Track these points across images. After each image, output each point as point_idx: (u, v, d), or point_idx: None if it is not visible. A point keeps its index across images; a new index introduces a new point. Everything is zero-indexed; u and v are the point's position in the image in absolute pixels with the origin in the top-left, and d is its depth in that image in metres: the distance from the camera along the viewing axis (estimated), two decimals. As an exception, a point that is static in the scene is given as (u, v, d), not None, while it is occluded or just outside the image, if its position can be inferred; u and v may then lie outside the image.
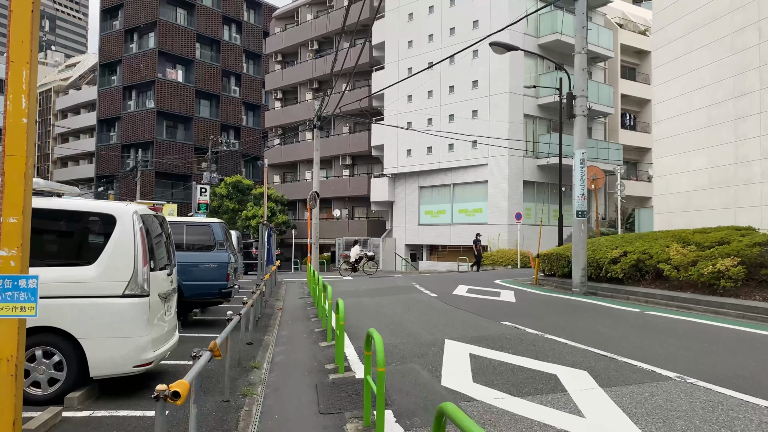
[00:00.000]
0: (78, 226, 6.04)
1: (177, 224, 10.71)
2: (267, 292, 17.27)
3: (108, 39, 59.16)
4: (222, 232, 10.78)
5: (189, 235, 10.63)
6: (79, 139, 69.34)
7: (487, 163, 31.28)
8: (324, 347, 9.02)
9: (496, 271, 26.33)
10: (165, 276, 6.52)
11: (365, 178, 40.76)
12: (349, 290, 18.47)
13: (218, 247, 10.65)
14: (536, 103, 31.93)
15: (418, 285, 18.66)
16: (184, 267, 10.46)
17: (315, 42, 45.49)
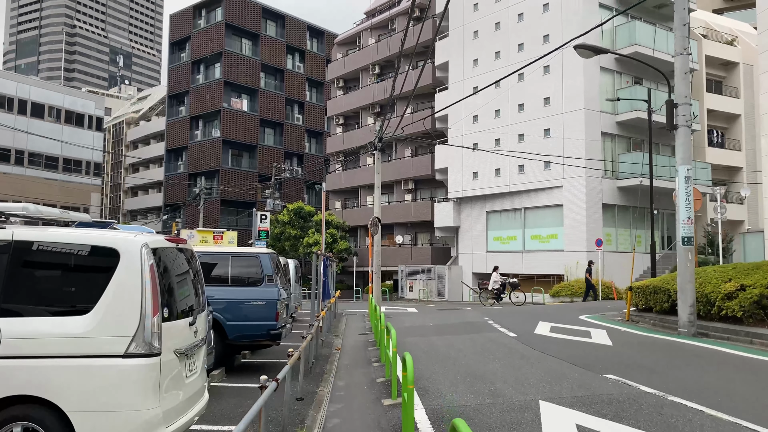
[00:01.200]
0: (69, 263, 4.70)
1: (221, 256, 9.45)
2: (325, 327, 15.83)
3: (176, 71, 60.63)
4: (272, 264, 9.40)
5: (234, 267, 9.32)
6: (149, 168, 71.14)
7: (562, 185, 29.09)
8: (388, 407, 7.37)
9: (577, 304, 23.99)
10: (186, 326, 5.08)
11: (428, 203, 39.18)
12: (415, 326, 16.76)
13: (267, 282, 9.26)
14: (614, 120, 29.59)
15: (492, 321, 16.75)
16: (228, 304, 9.13)
17: (376, 66, 44.71)
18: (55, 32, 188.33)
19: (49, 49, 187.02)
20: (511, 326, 15.07)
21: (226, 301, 9.12)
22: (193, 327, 5.22)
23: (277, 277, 9.89)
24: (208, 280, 9.20)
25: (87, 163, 46.31)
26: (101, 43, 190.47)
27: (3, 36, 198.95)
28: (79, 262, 4.68)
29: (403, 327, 16.47)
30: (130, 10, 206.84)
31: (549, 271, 29.67)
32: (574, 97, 28.75)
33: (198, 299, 5.67)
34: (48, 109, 43.06)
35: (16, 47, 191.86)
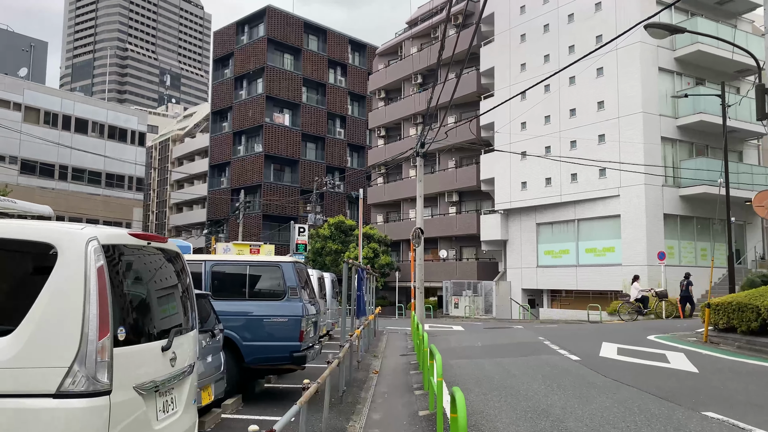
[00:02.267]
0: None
1: (237, 265, 8.21)
2: (363, 346, 14.42)
3: (219, 87, 60.94)
4: (296, 274, 8.08)
5: (252, 278, 8.05)
6: (193, 185, 71.62)
7: (618, 194, 27.05)
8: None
9: (641, 323, 21.90)
10: (157, 352, 3.76)
11: (474, 215, 37.49)
12: (462, 346, 15.18)
13: (290, 295, 7.94)
14: (675, 124, 27.45)
15: (548, 341, 15.02)
16: (244, 321, 7.85)
17: (418, 75, 43.51)
18: (108, 55, 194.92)
19: (102, 71, 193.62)
20: (571, 347, 13.34)
21: (243, 318, 7.85)
22: (169, 353, 3.88)
23: (304, 291, 8.57)
24: (222, 293, 7.95)
25: (129, 178, 46.48)
26: (151, 65, 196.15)
27: (60, 60, 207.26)
28: (2, 262, 3.42)
29: (448, 347, 14.92)
30: (179, 33, 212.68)
31: (605, 286, 27.56)
32: (631, 100, 26.80)
33: (185, 317, 4.35)
34: (91, 125, 43.39)
35: (72, 71, 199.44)
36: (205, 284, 8.04)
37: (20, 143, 38.03)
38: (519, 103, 31.96)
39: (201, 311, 6.54)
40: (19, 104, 39.34)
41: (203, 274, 8.07)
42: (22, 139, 37.40)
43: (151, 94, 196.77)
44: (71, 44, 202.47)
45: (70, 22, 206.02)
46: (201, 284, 8.05)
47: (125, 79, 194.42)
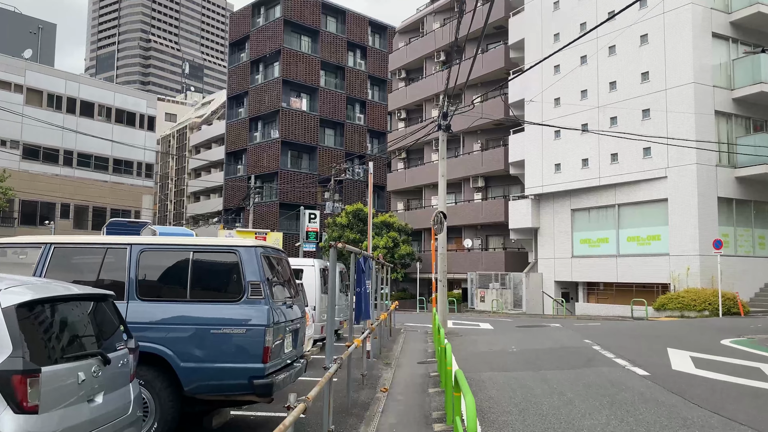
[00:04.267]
0: None
1: (177, 250, 5.72)
2: (375, 350, 11.98)
3: (235, 72, 58.88)
4: (261, 265, 5.58)
5: (197, 270, 5.59)
6: (210, 173, 69.89)
7: (666, 175, 24.11)
8: None
9: (698, 321, 19.08)
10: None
11: (501, 201, 34.73)
12: (493, 350, 12.62)
13: (251, 294, 5.48)
14: (731, 96, 24.36)
15: (597, 345, 12.39)
16: (185, 333, 5.43)
17: (441, 53, 40.73)
18: (131, 47, 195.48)
19: (126, 63, 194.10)
20: (630, 355, 10.72)
21: (181, 327, 5.42)
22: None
23: (278, 288, 6.11)
24: (154, 292, 5.52)
25: (138, 164, 44.52)
26: (174, 56, 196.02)
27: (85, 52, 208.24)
28: None
29: (477, 352, 12.39)
30: (202, 23, 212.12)
31: (650, 279, 24.69)
32: (680, 70, 23.78)
33: None
34: (98, 108, 41.45)
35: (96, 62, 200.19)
36: (129, 278, 5.63)
37: (22, 127, 36.24)
38: (552, 76, 29.12)
39: (100, 323, 4.13)
40: (21, 86, 37.49)
41: (127, 264, 5.66)
42: (25, 123, 35.60)
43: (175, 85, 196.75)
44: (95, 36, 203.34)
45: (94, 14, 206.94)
46: (124, 278, 5.64)
47: (148, 70, 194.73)
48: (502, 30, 35.14)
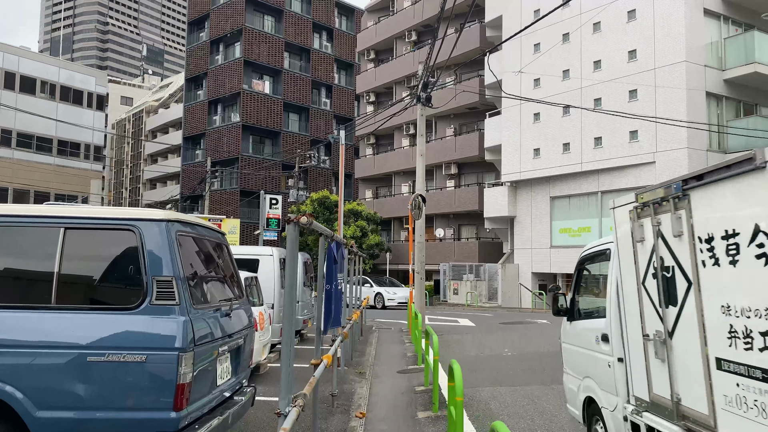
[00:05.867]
0: None
1: (32, 225, 3.48)
2: (345, 357, 9.95)
3: (194, 52, 55.73)
4: (173, 250, 3.44)
5: (72, 260, 3.43)
6: (168, 159, 66.57)
7: (654, 160, 22.63)
8: None
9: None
10: None
11: (475, 189, 33.00)
12: (485, 356, 10.71)
13: (156, 299, 3.38)
14: (722, 77, 22.99)
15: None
16: (45, 362, 3.28)
17: (413, 32, 38.67)
18: (88, 29, 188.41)
19: (82, 46, 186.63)
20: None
21: (37, 353, 3.29)
22: None
23: (201, 286, 3.99)
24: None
25: (86, 146, 41.24)
26: (133, 39, 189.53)
27: (39, 35, 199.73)
28: None
29: (466, 357, 10.48)
30: (162, 7, 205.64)
31: (635, 271, 23.25)
32: (672, 48, 22.28)
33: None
34: (40, 84, 38.07)
35: (51, 45, 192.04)
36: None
37: (-49, 103, 32.88)
38: (532, 56, 27.38)
39: None
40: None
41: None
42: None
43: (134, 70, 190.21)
44: (49, 18, 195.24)
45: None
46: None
47: (106, 54, 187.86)
48: (478, 9, 33.26)
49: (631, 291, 4.31)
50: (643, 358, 4.07)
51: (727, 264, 3.11)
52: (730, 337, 3.13)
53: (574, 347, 5.69)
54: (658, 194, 3.77)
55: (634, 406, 4.29)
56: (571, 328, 5.78)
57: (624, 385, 4.53)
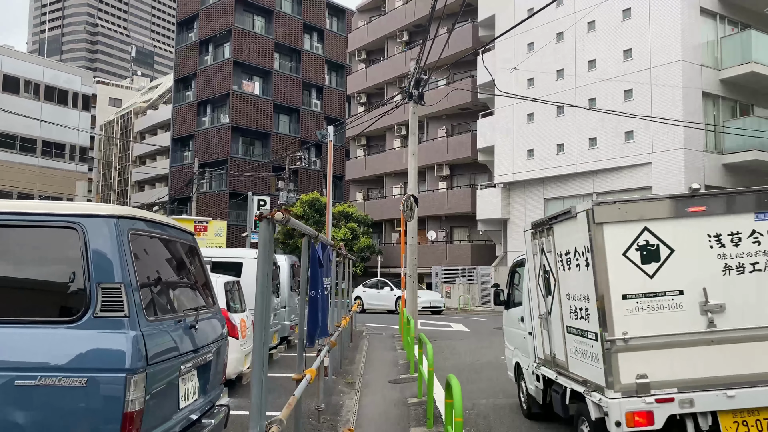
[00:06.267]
0: None
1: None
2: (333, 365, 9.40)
3: (183, 52, 55.02)
4: (123, 251, 2.88)
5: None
6: (156, 161, 65.73)
7: (650, 161, 22.24)
8: None
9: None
10: None
11: (467, 191, 32.56)
12: (481, 363, 10.19)
13: (101, 309, 2.83)
14: (718, 77, 22.64)
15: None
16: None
17: (404, 32, 38.20)
18: (77, 30, 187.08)
19: (71, 48, 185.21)
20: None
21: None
22: None
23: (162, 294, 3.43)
24: None
25: (71, 147, 40.38)
26: (123, 41, 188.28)
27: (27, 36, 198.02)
28: None
29: (461, 365, 9.96)
30: (152, 9, 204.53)
31: (631, 273, 22.83)
32: (668, 47, 21.91)
33: None
34: (24, 83, 37.21)
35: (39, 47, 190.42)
36: None
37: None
38: (525, 55, 26.97)
39: None
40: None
41: None
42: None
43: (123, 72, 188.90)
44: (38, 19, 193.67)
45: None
46: None
47: (95, 56, 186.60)
48: (471, 9, 32.82)
49: (532, 287, 6.32)
50: (539, 331, 6.11)
51: (567, 269, 5.12)
52: (570, 312, 5.12)
53: (509, 328, 7.90)
54: (540, 225, 5.87)
55: (536, 364, 6.26)
56: (507, 314, 7.96)
57: (532, 350, 6.42)
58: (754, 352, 4.48)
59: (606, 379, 4.42)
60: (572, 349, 5.12)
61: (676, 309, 4.48)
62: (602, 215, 4.68)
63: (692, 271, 4.54)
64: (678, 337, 4.45)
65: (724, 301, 4.49)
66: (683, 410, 4.34)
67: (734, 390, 4.35)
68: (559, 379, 5.47)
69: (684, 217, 4.61)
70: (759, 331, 4.50)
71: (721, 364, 4.46)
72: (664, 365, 4.43)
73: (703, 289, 4.50)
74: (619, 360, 4.40)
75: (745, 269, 4.57)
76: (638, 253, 4.56)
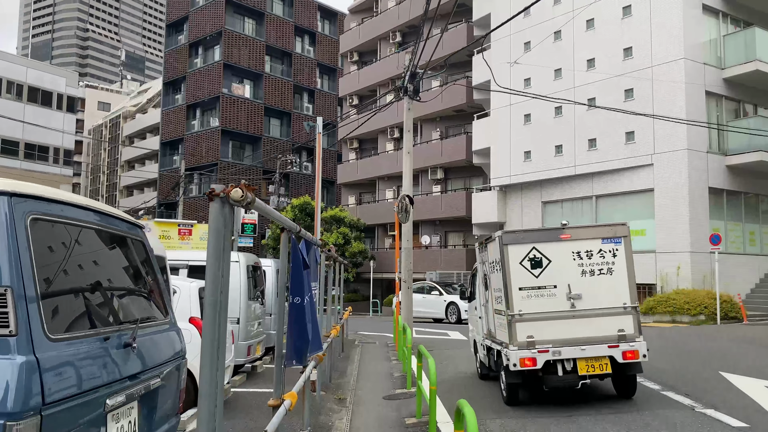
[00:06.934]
0: None
1: None
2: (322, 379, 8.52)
3: (172, 55, 54.10)
4: (14, 242, 2.07)
5: None
6: (145, 165, 64.62)
7: (652, 162, 21.49)
8: None
9: (703, 329, 16.36)
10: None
11: (462, 194, 31.75)
12: (483, 373, 9.27)
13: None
14: (721, 76, 21.98)
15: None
16: None
17: (397, 33, 37.45)
18: (68, 35, 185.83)
19: (62, 53, 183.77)
20: (682, 386, 7.62)
21: None
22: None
23: (66, 305, 2.54)
24: None
25: (56, 149, 39.31)
26: (114, 46, 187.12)
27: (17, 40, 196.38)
28: None
29: (462, 377, 9.08)
30: (144, 14, 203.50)
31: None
32: (670, 45, 21.23)
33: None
34: (6, 84, 36.15)
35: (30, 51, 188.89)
36: None
37: None
38: (522, 55, 26.24)
39: None
40: None
41: None
42: None
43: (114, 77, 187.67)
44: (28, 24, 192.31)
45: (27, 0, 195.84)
46: None
47: (86, 61, 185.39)
48: (466, 8, 32.13)
49: (480, 285, 8.92)
50: (484, 315, 8.61)
51: (493, 272, 7.61)
52: (495, 300, 7.52)
53: (470, 315, 10.50)
54: (481, 243, 8.57)
55: (483, 338, 8.69)
56: (469, 306, 10.43)
57: (481, 329, 8.85)
58: (597, 323, 6.95)
59: (509, 338, 6.96)
60: (497, 323, 7.70)
61: (552, 297, 7.02)
62: (507, 239, 7.21)
63: (562, 274, 7.05)
64: (552, 314, 6.98)
65: (581, 292, 7.01)
66: (554, 357, 6.83)
67: (585, 346, 6.86)
68: (493, 345, 7.99)
69: (557, 241, 7.17)
70: (600, 311, 6.99)
71: (577, 330, 6.92)
72: (544, 330, 6.92)
73: (568, 284, 7.03)
74: (516, 327, 6.95)
75: (594, 273, 7.09)
76: (529, 262, 7.08)
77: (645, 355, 6.84)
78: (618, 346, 6.85)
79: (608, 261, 7.04)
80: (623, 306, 7.00)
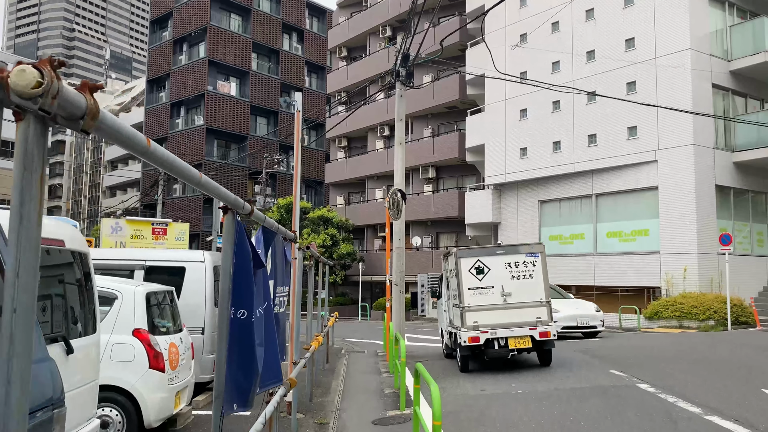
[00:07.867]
0: None
1: None
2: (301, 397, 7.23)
3: (156, 52, 52.61)
4: None
5: None
6: (128, 165, 62.99)
7: (656, 159, 20.39)
8: None
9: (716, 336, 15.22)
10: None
11: (455, 194, 30.55)
12: (489, 395, 8.02)
13: None
14: (728, 68, 20.93)
15: (643, 381, 8.05)
16: None
17: (387, 27, 36.25)
18: (53, 35, 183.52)
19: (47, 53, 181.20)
20: (726, 408, 6.40)
21: None
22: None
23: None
24: None
25: (30, 147, 37.61)
26: (100, 47, 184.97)
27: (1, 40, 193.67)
28: None
29: (465, 397, 7.79)
30: (131, 14, 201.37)
31: (636, 282, 20.91)
32: (675, 34, 20.16)
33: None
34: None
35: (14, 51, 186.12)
36: None
37: None
38: (518, 47, 25.11)
39: None
40: None
41: None
42: None
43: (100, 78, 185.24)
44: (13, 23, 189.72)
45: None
46: None
47: (72, 61, 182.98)
48: (457, 1, 31.01)
49: (444, 287, 12.44)
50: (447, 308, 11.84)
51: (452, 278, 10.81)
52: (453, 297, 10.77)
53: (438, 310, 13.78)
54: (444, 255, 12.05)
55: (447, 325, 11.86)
56: (439, 303, 13.47)
57: (445, 319, 12.04)
58: (521, 312, 9.79)
59: (462, 323, 9.86)
60: (454, 313, 10.60)
61: (491, 294, 9.88)
62: (461, 254, 10.20)
63: (498, 278, 9.92)
64: (491, 306, 9.84)
65: (511, 291, 9.90)
66: (492, 336, 9.70)
67: (514, 328, 9.73)
68: (452, 329, 10.87)
69: (495, 255, 10.12)
70: (523, 303, 9.83)
71: (508, 317, 9.77)
72: (485, 317, 9.78)
73: (502, 285, 9.90)
74: (466, 315, 9.82)
75: (520, 277, 9.94)
76: (475, 270, 9.96)
77: (555, 335, 9.94)
78: (536, 328, 9.69)
79: (530, 269, 9.92)
80: (540, 300, 9.87)
